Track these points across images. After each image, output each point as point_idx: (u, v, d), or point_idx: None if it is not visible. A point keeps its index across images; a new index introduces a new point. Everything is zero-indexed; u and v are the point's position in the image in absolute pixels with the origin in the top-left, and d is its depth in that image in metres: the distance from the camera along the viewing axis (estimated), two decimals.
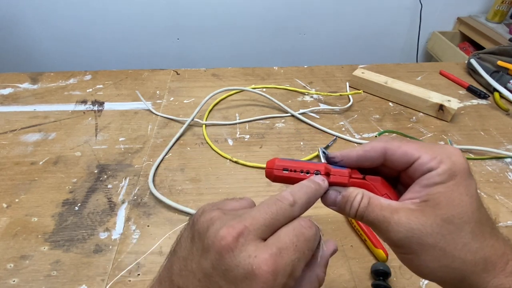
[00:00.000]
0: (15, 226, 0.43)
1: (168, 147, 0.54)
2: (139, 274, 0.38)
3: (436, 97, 0.62)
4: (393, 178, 0.26)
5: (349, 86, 0.71)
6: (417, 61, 1.73)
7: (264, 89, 0.69)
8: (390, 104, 0.67)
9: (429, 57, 1.73)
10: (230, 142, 0.57)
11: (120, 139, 0.57)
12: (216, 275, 0.18)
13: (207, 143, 0.56)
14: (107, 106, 0.64)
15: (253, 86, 0.70)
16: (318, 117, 0.63)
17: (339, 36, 1.66)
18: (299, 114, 0.62)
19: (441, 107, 0.61)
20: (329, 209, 0.29)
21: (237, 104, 0.66)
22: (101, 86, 0.69)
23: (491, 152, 0.55)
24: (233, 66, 0.77)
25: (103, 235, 0.42)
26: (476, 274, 0.21)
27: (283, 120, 0.62)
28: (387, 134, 0.58)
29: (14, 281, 0.37)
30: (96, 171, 0.51)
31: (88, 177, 0.50)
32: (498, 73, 0.69)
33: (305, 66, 0.77)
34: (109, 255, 0.40)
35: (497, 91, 0.68)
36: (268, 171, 0.26)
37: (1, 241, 0.41)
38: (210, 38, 1.61)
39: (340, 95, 0.67)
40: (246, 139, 0.57)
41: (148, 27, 1.55)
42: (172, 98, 0.67)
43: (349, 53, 1.72)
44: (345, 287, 0.37)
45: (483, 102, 0.68)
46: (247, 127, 0.60)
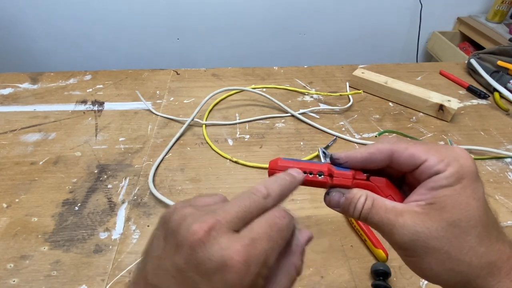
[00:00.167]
0: (15, 226, 0.43)
1: (168, 147, 0.54)
2: None
3: (436, 97, 0.62)
4: (398, 179, 0.25)
5: (349, 86, 0.71)
6: (417, 61, 1.73)
7: (264, 89, 0.69)
8: (390, 104, 0.67)
9: (429, 57, 1.73)
10: (230, 142, 0.57)
11: (120, 139, 0.57)
12: (190, 270, 0.18)
13: (207, 143, 0.56)
14: (107, 106, 0.64)
15: (253, 86, 0.70)
16: (318, 117, 0.63)
17: (339, 36, 1.66)
18: (299, 114, 0.62)
19: (441, 107, 0.61)
20: (329, 209, 0.29)
21: (237, 104, 0.66)
22: (101, 86, 0.69)
23: (491, 152, 0.55)
24: (233, 66, 0.77)
25: (103, 235, 0.42)
26: (481, 278, 0.20)
27: (283, 120, 0.62)
28: (387, 134, 0.58)
29: (14, 281, 0.37)
30: (96, 171, 0.51)
31: (88, 177, 0.50)
32: (498, 73, 0.69)
33: (305, 66, 0.77)
34: (109, 255, 0.40)
35: (497, 91, 0.68)
36: (271, 171, 0.26)
37: (1, 241, 0.41)
38: (210, 38, 1.61)
39: (340, 95, 0.67)
40: (246, 139, 0.57)
41: (148, 27, 1.55)
42: (172, 98, 0.67)
43: (349, 53, 1.72)
44: (345, 287, 0.37)
45: (483, 102, 0.68)
46: (247, 127, 0.60)
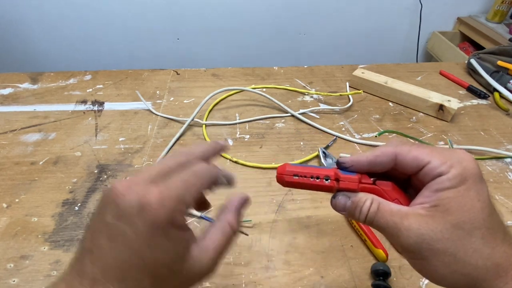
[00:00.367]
0: (15, 226, 0.43)
1: (168, 147, 0.54)
2: None
3: (436, 97, 0.62)
4: (404, 181, 0.25)
5: (349, 86, 0.71)
6: (417, 61, 1.73)
7: (264, 89, 0.69)
8: (390, 104, 0.67)
9: (429, 57, 1.73)
10: (230, 142, 0.57)
11: (120, 139, 0.57)
12: (116, 222, 0.19)
13: None
14: (107, 106, 0.64)
15: (253, 86, 0.70)
16: (318, 117, 0.63)
17: (339, 36, 1.66)
18: (299, 114, 0.62)
19: (441, 107, 0.61)
20: (329, 209, 0.29)
21: (237, 104, 0.66)
22: (101, 86, 0.69)
23: (491, 152, 0.55)
24: (233, 66, 0.77)
25: None
26: (487, 281, 0.20)
27: (283, 120, 0.62)
28: (387, 134, 0.58)
29: (14, 281, 0.37)
30: (96, 171, 0.51)
31: (88, 177, 0.50)
32: (498, 73, 0.69)
33: (305, 66, 0.77)
34: None
35: (497, 91, 0.68)
36: (279, 176, 0.27)
37: (1, 241, 0.41)
38: (210, 38, 1.61)
39: (340, 95, 0.67)
40: (246, 139, 0.57)
41: (148, 27, 1.55)
42: (172, 98, 0.67)
43: (349, 53, 1.72)
44: (345, 287, 0.37)
45: (483, 102, 0.68)
46: (247, 127, 0.60)
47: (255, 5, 1.51)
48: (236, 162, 0.53)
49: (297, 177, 0.26)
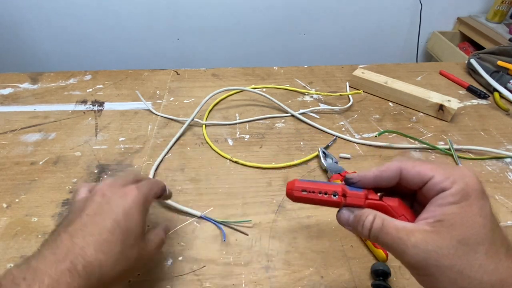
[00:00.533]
0: (15, 226, 0.43)
1: (168, 147, 0.54)
2: (139, 274, 0.38)
3: (436, 97, 0.62)
4: (410, 196, 0.26)
5: (349, 86, 0.71)
6: (417, 61, 1.73)
7: (264, 89, 0.69)
8: (390, 104, 0.67)
9: (429, 57, 1.73)
10: (230, 142, 0.57)
11: (120, 139, 0.57)
12: (105, 204, 0.29)
13: (207, 143, 0.56)
14: (107, 106, 0.64)
15: (253, 86, 0.70)
16: (318, 117, 0.63)
17: (339, 36, 1.67)
18: (299, 114, 0.62)
19: (441, 107, 0.61)
20: (329, 209, 0.29)
21: (237, 104, 0.66)
22: (101, 86, 0.69)
23: (491, 152, 0.55)
24: (233, 66, 0.77)
25: None
26: None
27: (283, 120, 0.62)
28: (387, 134, 0.58)
29: None
30: (96, 171, 0.51)
31: (88, 177, 0.50)
32: (498, 73, 0.69)
33: (305, 66, 0.77)
34: None
35: (497, 91, 0.68)
36: (289, 192, 0.28)
37: (1, 241, 0.41)
38: (210, 38, 1.61)
39: (340, 95, 0.67)
40: (246, 139, 0.57)
41: (148, 27, 1.55)
42: (172, 98, 0.67)
43: (349, 53, 1.73)
44: (345, 287, 0.37)
45: (483, 102, 0.68)
46: (247, 127, 0.60)
47: (255, 5, 1.51)
48: (236, 162, 0.53)
49: (305, 193, 0.27)
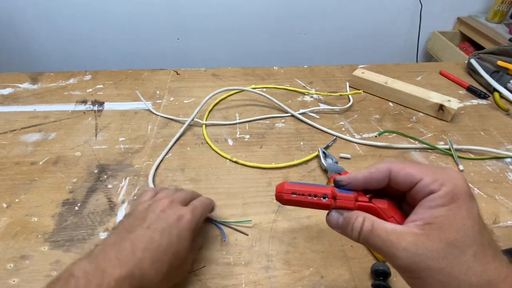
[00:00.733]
0: (15, 226, 0.43)
1: (168, 147, 0.54)
2: None
3: (436, 97, 0.62)
4: (399, 197, 0.26)
5: (349, 86, 0.71)
6: (417, 61, 1.73)
7: (264, 89, 0.69)
8: (390, 104, 0.67)
9: (429, 57, 1.73)
10: (230, 142, 0.57)
11: (120, 139, 0.57)
12: (158, 225, 0.32)
13: (207, 143, 0.56)
14: (107, 106, 0.64)
15: (253, 86, 0.70)
16: (318, 117, 0.63)
17: (339, 36, 1.66)
18: (299, 114, 0.62)
19: (441, 107, 0.61)
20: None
21: (237, 104, 0.66)
22: (101, 86, 0.69)
23: (491, 152, 0.55)
24: (233, 66, 0.77)
25: (103, 235, 0.42)
26: None
27: (283, 120, 0.62)
28: (387, 134, 0.58)
29: (14, 281, 0.37)
30: (96, 171, 0.51)
31: (88, 177, 0.50)
32: (498, 73, 0.69)
33: (305, 66, 0.77)
34: None
35: (497, 91, 0.68)
36: (278, 195, 0.28)
37: (1, 241, 0.41)
38: (210, 38, 1.61)
39: (340, 95, 0.67)
40: (246, 139, 0.57)
41: (148, 27, 1.55)
42: (172, 98, 0.67)
43: (349, 53, 1.72)
44: (345, 287, 0.37)
45: (483, 102, 0.68)
46: (247, 127, 0.60)
47: (255, 5, 1.51)
48: (236, 162, 0.53)
49: (295, 195, 0.27)
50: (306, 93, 0.69)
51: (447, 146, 0.55)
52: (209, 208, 0.39)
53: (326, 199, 0.26)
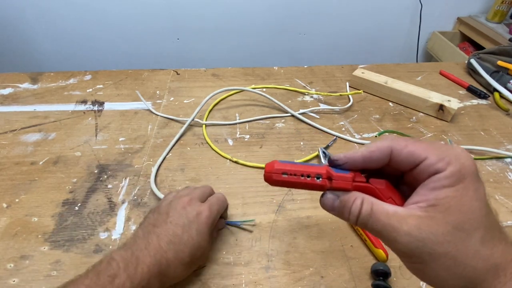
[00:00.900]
0: (15, 226, 0.43)
1: (169, 147, 0.54)
2: None
3: (436, 97, 0.62)
4: (396, 178, 0.24)
5: (349, 86, 0.71)
6: (417, 61, 1.73)
7: (264, 89, 0.69)
8: (390, 104, 0.67)
9: (429, 57, 1.73)
10: (230, 142, 0.57)
11: (120, 139, 0.57)
12: (180, 220, 0.35)
13: (207, 143, 0.56)
14: (107, 106, 0.64)
15: (253, 86, 0.70)
16: (318, 117, 0.63)
17: (339, 36, 1.66)
18: (299, 114, 0.62)
19: (441, 107, 0.61)
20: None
21: (237, 104, 0.66)
22: (101, 86, 0.69)
23: (491, 152, 0.55)
24: (233, 66, 0.77)
25: (103, 235, 0.42)
26: (486, 281, 0.20)
27: (283, 120, 0.62)
28: (387, 134, 0.58)
29: (14, 281, 0.37)
30: (96, 171, 0.51)
31: (88, 177, 0.50)
32: (498, 73, 0.69)
33: (305, 66, 0.77)
34: None
35: (497, 91, 0.68)
36: (267, 175, 0.25)
37: (1, 241, 0.41)
38: (210, 38, 1.61)
39: (340, 95, 0.67)
40: (246, 139, 0.57)
41: (148, 27, 1.55)
42: (172, 98, 0.67)
43: (349, 53, 1.72)
44: (345, 287, 0.37)
45: (483, 102, 0.68)
46: (247, 127, 0.60)
47: (255, 5, 1.51)
48: (236, 162, 0.53)
49: (286, 176, 0.24)
50: (306, 93, 0.69)
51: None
52: (225, 204, 0.41)
53: (320, 179, 0.24)
